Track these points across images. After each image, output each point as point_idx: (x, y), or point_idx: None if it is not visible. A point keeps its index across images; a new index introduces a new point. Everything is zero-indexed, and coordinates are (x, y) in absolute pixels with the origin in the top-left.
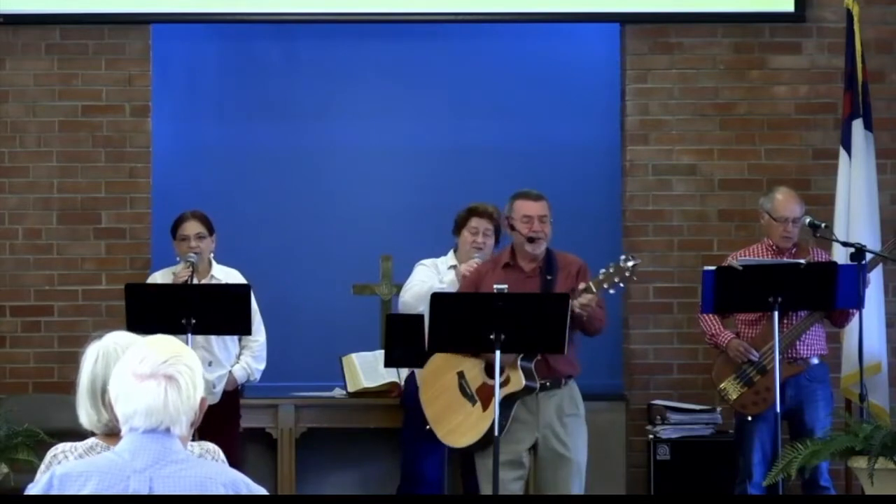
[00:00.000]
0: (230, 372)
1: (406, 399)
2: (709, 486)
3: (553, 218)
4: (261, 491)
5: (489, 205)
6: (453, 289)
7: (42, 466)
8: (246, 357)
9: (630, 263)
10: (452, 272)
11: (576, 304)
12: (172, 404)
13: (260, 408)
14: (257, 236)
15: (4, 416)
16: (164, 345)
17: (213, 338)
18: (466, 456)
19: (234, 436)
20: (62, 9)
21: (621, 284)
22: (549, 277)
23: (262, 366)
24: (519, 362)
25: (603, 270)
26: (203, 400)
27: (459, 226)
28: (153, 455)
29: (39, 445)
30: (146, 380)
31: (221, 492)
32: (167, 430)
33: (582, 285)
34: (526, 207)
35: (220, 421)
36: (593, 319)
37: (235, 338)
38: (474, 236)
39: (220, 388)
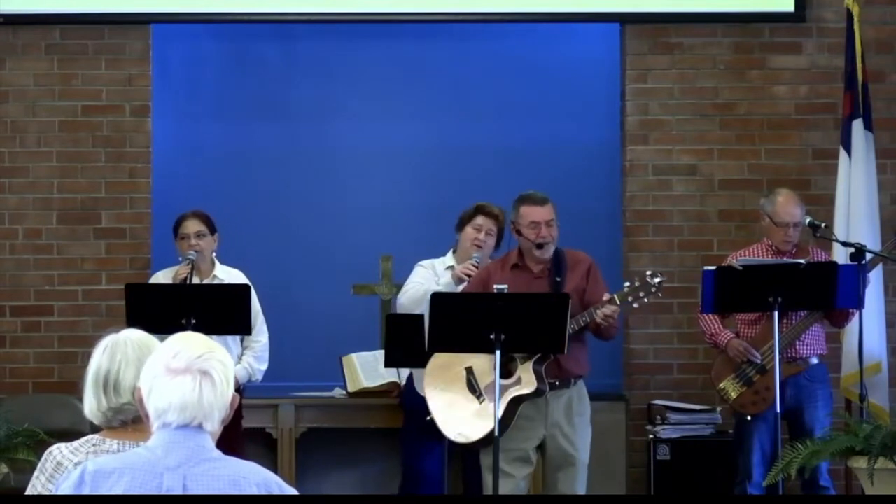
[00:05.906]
0: None
1: (406, 399)
2: (709, 486)
3: (559, 219)
4: (291, 491)
5: (496, 206)
6: (450, 290)
7: (39, 466)
8: (248, 357)
9: (657, 280)
10: (449, 273)
11: (599, 314)
12: (206, 399)
13: (260, 408)
14: (257, 236)
15: (4, 416)
16: (196, 340)
17: (213, 338)
18: (467, 453)
19: (237, 435)
20: (62, 9)
21: (645, 300)
22: (558, 279)
23: (263, 366)
24: (531, 365)
25: (628, 284)
26: (234, 397)
27: (464, 222)
28: (186, 452)
29: (39, 445)
30: (180, 374)
31: (254, 491)
32: (199, 426)
33: (607, 296)
34: (532, 213)
35: None
36: (611, 328)
37: (237, 338)
38: (477, 233)
39: None
